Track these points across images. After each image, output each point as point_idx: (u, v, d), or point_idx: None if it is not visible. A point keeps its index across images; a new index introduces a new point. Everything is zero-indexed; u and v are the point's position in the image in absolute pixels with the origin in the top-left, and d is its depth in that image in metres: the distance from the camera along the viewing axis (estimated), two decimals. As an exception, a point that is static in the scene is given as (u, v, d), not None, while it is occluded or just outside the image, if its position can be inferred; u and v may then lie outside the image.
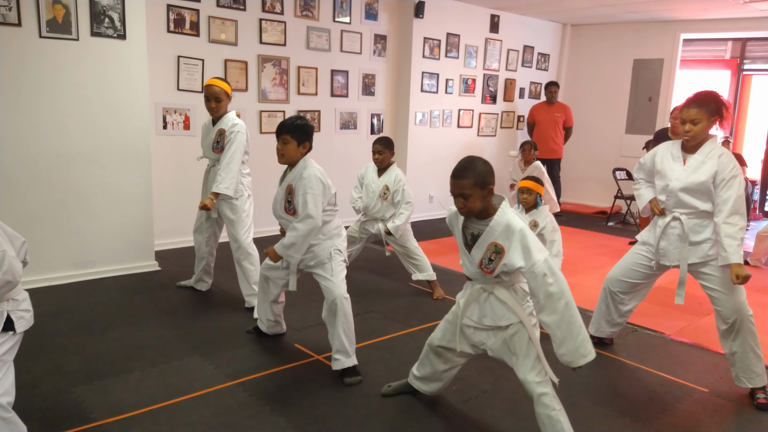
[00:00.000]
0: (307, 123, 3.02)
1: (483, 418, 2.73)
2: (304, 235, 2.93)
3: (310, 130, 3.02)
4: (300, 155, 3.00)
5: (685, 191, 2.96)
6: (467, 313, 2.49)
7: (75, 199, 4.35)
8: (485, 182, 2.25)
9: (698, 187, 2.90)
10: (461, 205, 2.29)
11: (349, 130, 6.65)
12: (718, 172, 2.86)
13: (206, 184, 3.99)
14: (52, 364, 3.08)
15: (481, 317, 2.43)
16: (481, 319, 2.43)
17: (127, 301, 4.04)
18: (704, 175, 2.89)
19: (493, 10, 7.61)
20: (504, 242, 2.25)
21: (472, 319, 2.46)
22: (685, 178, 2.94)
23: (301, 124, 2.99)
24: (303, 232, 2.93)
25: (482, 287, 2.41)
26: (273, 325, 3.45)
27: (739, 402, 2.99)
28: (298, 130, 2.96)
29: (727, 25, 7.57)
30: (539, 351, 2.32)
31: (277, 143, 2.99)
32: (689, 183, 2.92)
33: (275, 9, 5.77)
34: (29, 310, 2.18)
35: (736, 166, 2.88)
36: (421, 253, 4.43)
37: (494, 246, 2.27)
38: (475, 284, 2.45)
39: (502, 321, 2.37)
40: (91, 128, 4.34)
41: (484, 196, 2.27)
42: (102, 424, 2.54)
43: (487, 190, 2.26)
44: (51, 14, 4.06)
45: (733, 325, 2.94)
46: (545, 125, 7.79)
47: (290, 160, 3.01)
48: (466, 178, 2.24)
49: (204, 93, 3.82)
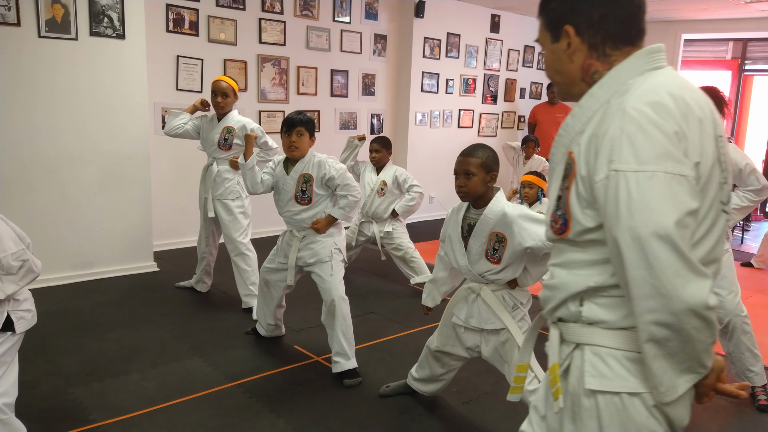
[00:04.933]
0: (311, 118, 3.12)
1: (483, 420, 2.72)
2: (356, 201, 3.08)
3: (312, 123, 3.12)
4: (309, 147, 3.08)
5: None
6: (455, 311, 2.50)
7: (74, 200, 4.34)
8: (490, 167, 2.29)
9: None
10: (462, 184, 2.31)
11: (348, 130, 6.63)
12: None
13: (204, 182, 3.98)
14: (51, 365, 3.07)
15: (467, 317, 2.43)
16: (467, 320, 2.43)
17: (126, 302, 4.03)
18: None
19: (494, 10, 7.59)
20: (505, 231, 2.26)
21: (460, 318, 2.47)
22: None
23: (310, 118, 3.09)
24: (354, 200, 3.06)
25: (470, 287, 2.41)
26: (273, 329, 3.44)
27: (740, 403, 2.97)
28: (309, 123, 3.06)
29: (728, 25, 7.56)
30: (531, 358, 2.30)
31: (291, 137, 3.02)
32: None
33: (275, 8, 5.76)
34: (31, 311, 2.17)
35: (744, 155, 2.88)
36: (418, 255, 4.43)
37: (495, 236, 2.28)
38: (464, 283, 2.47)
39: (488, 324, 2.37)
40: (90, 128, 4.33)
41: (486, 181, 2.30)
42: (101, 425, 2.53)
43: (490, 176, 2.30)
44: (50, 14, 4.05)
45: (727, 326, 2.96)
46: (546, 125, 7.77)
47: (303, 153, 3.06)
48: (474, 156, 2.29)
49: (211, 88, 3.82)
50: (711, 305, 1.04)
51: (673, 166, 1.04)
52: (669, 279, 1.02)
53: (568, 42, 1.19)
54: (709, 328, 1.06)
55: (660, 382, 1.10)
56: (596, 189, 1.10)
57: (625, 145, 1.05)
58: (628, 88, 1.12)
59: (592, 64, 1.19)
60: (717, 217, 1.14)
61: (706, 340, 1.07)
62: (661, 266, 1.02)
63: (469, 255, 2.34)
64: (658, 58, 1.16)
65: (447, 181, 7.24)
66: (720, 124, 1.17)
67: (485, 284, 2.36)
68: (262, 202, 5.29)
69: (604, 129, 1.10)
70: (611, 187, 1.06)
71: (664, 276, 1.02)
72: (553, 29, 1.21)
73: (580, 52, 1.19)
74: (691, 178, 1.05)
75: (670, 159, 1.04)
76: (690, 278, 1.02)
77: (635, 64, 1.15)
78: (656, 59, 1.16)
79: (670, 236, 1.01)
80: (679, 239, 1.01)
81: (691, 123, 1.08)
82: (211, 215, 3.92)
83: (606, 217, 1.09)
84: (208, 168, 3.93)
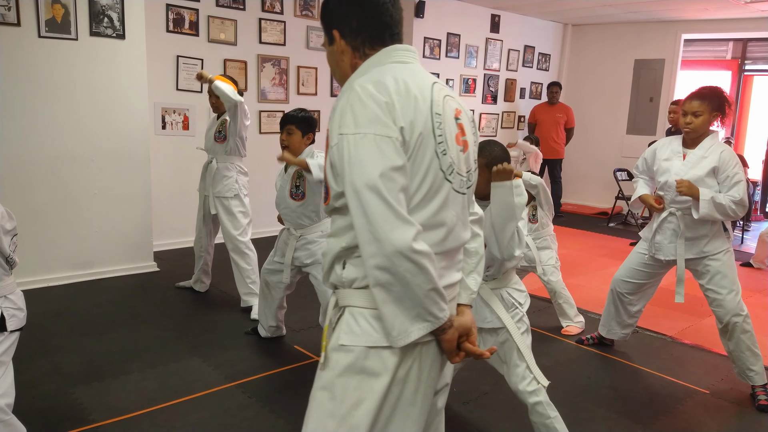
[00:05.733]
0: (311, 115, 3.06)
1: (483, 420, 2.72)
2: None
3: (314, 122, 3.06)
4: (304, 146, 3.03)
5: None
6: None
7: (74, 200, 4.34)
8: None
9: (697, 182, 2.89)
10: None
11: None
12: (720, 168, 2.85)
13: (204, 180, 3.98)
14: (51, 365, 3.07)
15: None
16: None
17: (125, 302, 4.03)
18: (703, 170, 2.87)
19: (494, 10, 7.59)
20: None
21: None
22: (684, 173, 2.93)
23: (306, 116, 3.03)
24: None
25: None
26: (274, 330, 3.44)
27: (740, 403, 2.98)
28: (303, 121, 3.00)
29: (728, 25, 7.56)
30: (529, 359, 2.30)
31: (281, 135, 3.00)
32: (688, 178, 2.91)
33: (275, 8, 5.76)
34: (22, 310, 2.15)
35: (738, 164, 2.88)
36: None
37: None
38: None
39: (484, 323, 2.34)
40: (89, 128, 4.33)
41: (491, 180, 2.24)
42: (101, 425, 2.53)
43: None
44: (50, 14, 4.05)
45: (727, 325, 2.96)
46: (546, 125, 7.78)
47: (294, 152, 3.01)
48: (480, 156, 2.22)
49: (207, 88, 3.84)
50: (417, 249, 1.20)
51: (381, 129, 1.22)
52: (380, 224, 1.19)
53: (336, 45, 1.40)
54: (423, 273, 1.22)
55: (392, 326, 1.25)
56: (332, 153, 1.28)
57: (348, 113, 1.25)
58: (365, 72, 1.34)
59: (357, 62, 1.39)
60: (439, 185, 1.31)
61: (423, 285, 1.22)
62: (373, 213, 1.19)
63: None
64: (402, 55, 1.38)
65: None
66: (446, 108, 1.34)
67: (484, 282, 2.35)
68: (262, 202, 5.29)
69: (340, 103, 1.30)
70: (339, 149, 1.25)
71: (376, 222, 1.19)
72: (327, 34, 1.43)
73: (346, 53, 1.40)
74: (395, 139, 1.23)
75: (378, 123, 1.22)
76: (397, 224, 1.19)
77: (379, 58, 1.37)
78: (399, 55, 1.37)
79: (377, 186, 1.19)
80: (385, 190, 1.19)
81: (404, 98, 1.26)
82: (213, 212, 3.92)
83: (340, 176, 1.26)
84: (208, 165, 3.94)
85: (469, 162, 1.41)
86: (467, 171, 1.40)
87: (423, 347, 1.32)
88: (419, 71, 1.36)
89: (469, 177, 1.41)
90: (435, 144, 1.29)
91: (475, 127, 1.46)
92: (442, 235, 1.32)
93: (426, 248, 1.22)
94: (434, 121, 1.30)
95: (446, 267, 1.36)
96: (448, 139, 1.32)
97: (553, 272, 3.72)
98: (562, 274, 3.84)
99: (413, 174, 1.27)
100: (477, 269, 1.52)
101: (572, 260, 5.56)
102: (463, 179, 1.38)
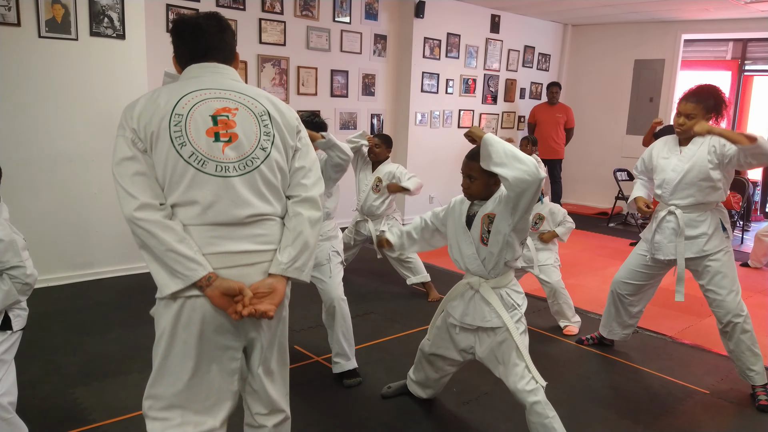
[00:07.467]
0: (323, 121, 2.99)
1: (483, 420, 2.72)
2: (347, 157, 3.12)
3: (325, 127, 2.97)
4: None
5: (682, 181, 2.94)
6: (450, 309, 2.47)
7: (74, 200, 4.34)
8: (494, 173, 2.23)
9: (696, 174, 2.89)
10: (466, 186, 2.35)
11: (349, 130, 6.63)
12: (716, 146, 2.84)
13: None
14: (51, 364, 3.07)
15: (463, 315, 2.40)
16: (463, 318, 2.40)
17: (126, 302, 4.03)
18: (701, 159, 2.88)
19: (494, 10, 7.60)
20: (495, 209, 2.25)
21: (455, 316, 2.43)
22: (681, 167, 2.93)
23: (319, 122, 2.95)
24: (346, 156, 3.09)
25: (469, 283, 2.39)
26: None
27: (740, 404, 2.98)
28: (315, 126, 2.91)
29: (728, 25, 7.56)
30: (527, 359, 2.30)
31: None
32: (685, 171, 2.91)
33: (275, 9, 5.76)
34: (26, 310, 2.19)
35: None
36: (415, 255, 4.40)
37: (487, 217, 2.28)
38: (463, 279, 2.44)
39: (484, 322, 2.33)
40: (90, 128, 4.33)
41: (490, 184, 2.29)
42: (101, 425, 2.53)
43: (494, 179, 2.27)
44: (50, 14, 4.05)
45: (727, 326, 2.96)
46: (546, 125, 7.78)
47: None
48: (477, 161, 2.26)
49: None
50: (138, 216, 1.54)
51: (121, 132, 1.60)
52: (120, 198, 1.57)
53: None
54: (153, 237, 1.54)
55: (157, 281, 1.60)
56: None
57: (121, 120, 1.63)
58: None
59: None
60: (183, 170, 1.57)
61: (158, 246, 1.54)
62: (118, 190, 1.57)
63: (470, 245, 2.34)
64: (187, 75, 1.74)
65: (447, 181, 7.24)
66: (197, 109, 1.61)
67: (485, 280, 2.35)
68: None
69: None
70: None
71: (119, 196, 1.57)
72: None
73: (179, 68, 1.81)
74: (127, 137, 1.58)
75: (121, 127, 1.60)
76: (126, 199, 1.55)
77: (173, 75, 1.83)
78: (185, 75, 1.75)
79: (114, 171, 1.58)
80: (118, 174, 1.57)
81: (144, 104, 1.60)
82: None
83: None
84: None
85: (243, 148, 1.62)
86: (241, 157, 1.62)
87: (192, 300, 1.59)
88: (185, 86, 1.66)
89: (246, 163, 1.62)
90: (170, 138, 1.57)
91: (269, 121, 1.68)
92: (198, 210, 1.58)
93: (150, 217, 1.54)
94: (171, 121, 1.58)
95: (222, 236, 1.60)
96: (192, 133, 1.58)
97: (553, 272, 3.73)
98: (562, 274, 3.84)
99: (157, 162, 1.58)
100: (293, 244, 1.69)
101: (572, 260, 5.56)
102: (226, 165, 1.60)
